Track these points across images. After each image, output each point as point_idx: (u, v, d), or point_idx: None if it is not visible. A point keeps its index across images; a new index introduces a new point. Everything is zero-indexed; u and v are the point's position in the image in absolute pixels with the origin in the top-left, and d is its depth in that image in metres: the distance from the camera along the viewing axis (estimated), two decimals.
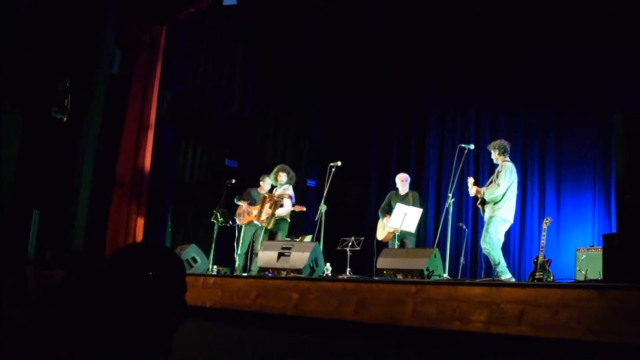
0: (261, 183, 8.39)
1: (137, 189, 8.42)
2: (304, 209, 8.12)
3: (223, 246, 8.48)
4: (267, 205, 7.75)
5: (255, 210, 8.00)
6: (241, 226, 8.14)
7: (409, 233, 7.59)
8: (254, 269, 7.38)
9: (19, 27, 6.31)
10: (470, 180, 6.80)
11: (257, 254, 7.61)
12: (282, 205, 7.70)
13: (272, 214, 7.72)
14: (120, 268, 1.46)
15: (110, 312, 1.38)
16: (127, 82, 8.38)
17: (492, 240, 6.41)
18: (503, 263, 6.37)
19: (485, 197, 6.57)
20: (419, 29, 9.91)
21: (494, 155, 6.77)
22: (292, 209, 7.80)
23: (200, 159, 9.84)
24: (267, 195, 7.86)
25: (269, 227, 7.75)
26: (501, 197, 6.48)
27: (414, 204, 7.77)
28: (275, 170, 8.08)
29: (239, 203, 8.24)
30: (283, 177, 7.99)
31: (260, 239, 7.81)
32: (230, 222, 8.29)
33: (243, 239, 8.00)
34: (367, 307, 3.73)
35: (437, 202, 10.25)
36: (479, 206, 6.80)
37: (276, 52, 10.88)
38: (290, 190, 7.97)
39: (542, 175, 9.32)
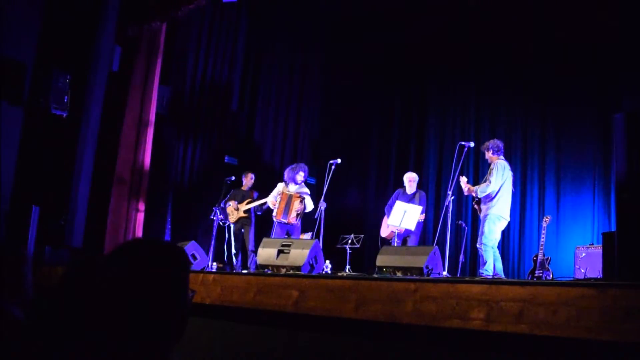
0: (244, 180, 8.50)
1: (136, 186, 8.41)
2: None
3: (222, 243, 8.51)
4: (296, 202, 7.76)
5: (244, 206, 8.18)
6: (230, 226, 8.33)
7: (412, 231, 7.59)
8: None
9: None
10: (463, 179, 6.81)
11: (253, 251, 7.73)
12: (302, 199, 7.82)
13: (300, 210, 7.80)
14: (123, 263, 1.41)
15: (111, 310, 1.36)
16: (127, 79, 8.35)
17: (488, 242, 6.42)
18: (490, 266, 6.37)
19: (478, 195, 6.59)
20: (419, 26, 9.90)
21: (488, 155, 6.80)
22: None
23: (200, 156, 9.83)
24: (292, 194, 7.84)
25: (293, 222, 7.80)
26: (495, 195, 6.50)
27: (419, 204, 7.77)
28: (294, 167, 8.07)
29: (229, 204, 8.28)
30: (302, 176, 8.00)
31: (249, 235, 8.18)
32: (222, 223, 8.34)
33: (235, 237, 8.31)
34: (367, 304, 3.73)
35: (437, 199, 10.26)
36: (475, 205, 6.82)
37: (276, 49, 10.87)
38: (306, 189, 8.07)
39: (541, 173, 9.31)
